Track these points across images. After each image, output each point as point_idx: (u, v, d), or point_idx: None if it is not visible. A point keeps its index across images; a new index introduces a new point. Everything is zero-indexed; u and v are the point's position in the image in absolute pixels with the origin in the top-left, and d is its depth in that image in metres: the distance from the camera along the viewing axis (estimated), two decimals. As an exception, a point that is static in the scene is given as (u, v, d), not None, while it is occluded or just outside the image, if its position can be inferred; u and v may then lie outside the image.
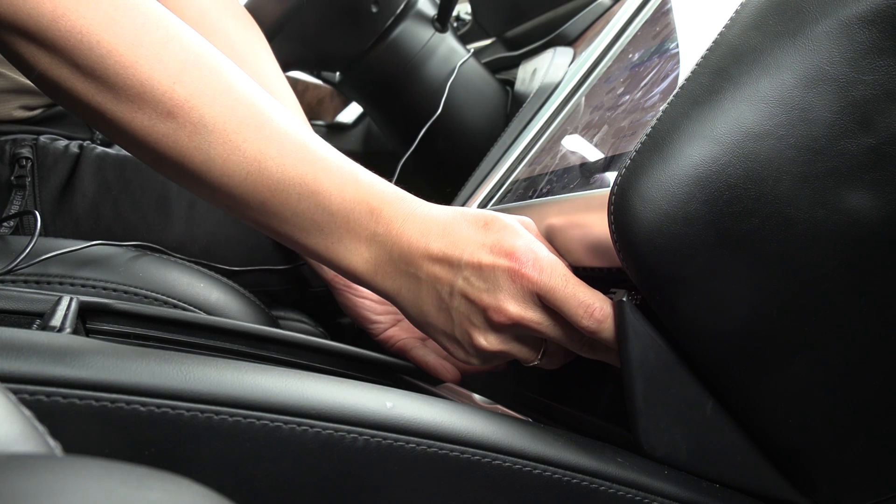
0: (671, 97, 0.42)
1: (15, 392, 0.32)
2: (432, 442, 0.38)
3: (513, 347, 0.49)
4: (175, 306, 0.65)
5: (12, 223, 0.68)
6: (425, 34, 1.03)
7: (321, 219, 0.48)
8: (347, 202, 0.47)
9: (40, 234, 0.59)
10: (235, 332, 0.53)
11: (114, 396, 0.33)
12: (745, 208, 0.39)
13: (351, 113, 1.46)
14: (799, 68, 0.39)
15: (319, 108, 1.50)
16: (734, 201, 0.39)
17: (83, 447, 0.32)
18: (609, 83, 0.67)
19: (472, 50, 1.09)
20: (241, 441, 0.35)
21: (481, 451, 0.39)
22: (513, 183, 0.70)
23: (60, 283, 0.61)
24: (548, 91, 0.80)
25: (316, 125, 1.40)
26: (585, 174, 0.54)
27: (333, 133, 1.42)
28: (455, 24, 1.38)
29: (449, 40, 1.05)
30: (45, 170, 0.71)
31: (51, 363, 0.33)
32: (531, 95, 0.83)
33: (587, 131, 0.62)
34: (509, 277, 0.46)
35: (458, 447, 0.38)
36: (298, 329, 0.80)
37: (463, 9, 1.41)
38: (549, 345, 0.49)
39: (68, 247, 0.62)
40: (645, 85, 0.57)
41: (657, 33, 0.65)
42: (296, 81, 1.47)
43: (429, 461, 0.38)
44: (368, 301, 0.75)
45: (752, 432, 0.44)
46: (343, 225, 0.48)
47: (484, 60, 1.12)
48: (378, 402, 0.38)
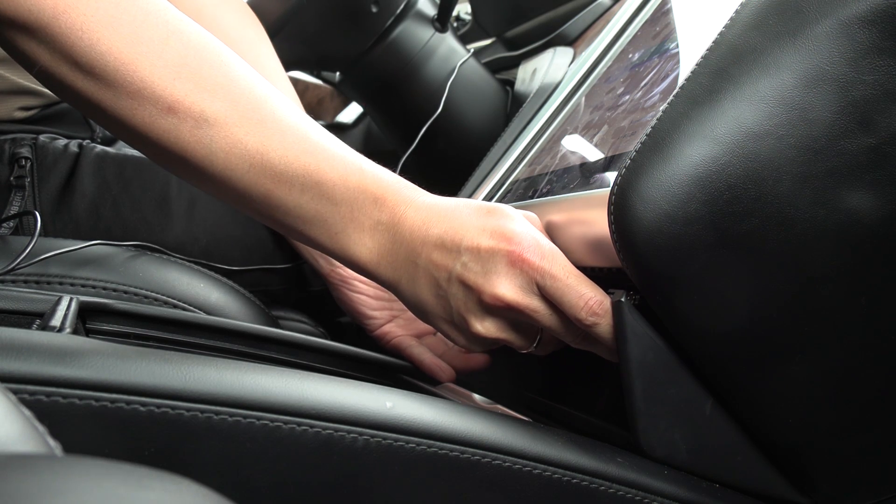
0: (671, 97, 0.42)
1: (15, 392, 0.32)
2: (432, 442, 0.38)
3: (509, 334, 0.49)
4: (175, 306, 0.65)
5: (12, 223, 0.68)
6: (425, 34, 1.03)
7: (325, 209, 0.48)
8: (351, 192, 0.48)
9: (40, 235, 0.59)
10: (235, 332, 0.53)
11: (114, 396, 0.33)
12: (745, 208, 0.39)
13: (351, 113, 1.46)
14: (799, 68, 0.39)
15: (319, 108, 1.50)
16: (734, 201, 0.39)
17: (83, 447, 0.32)
18: (609, 83, 0.67)
19: (472, 50, 1.09)
20: (241, 441, 0.35)
21: (481, 451, 0.39)
22: (513, 183, 0.70)
23: (60, 283, 0.61)
24: (548, 91, 0.80)
25: (316, 125, 1.39)
26: (585, 174, 0.54)
27: (333, 133, 1.41)
28: (455, 24, 1.38)
29: (449, 40, 1.05)
30: (45, 170, 0.71)
31: (51, 363, 0.33)
32: (531, 95, 0.83)
33: (587, 131, 0.62)
34: (508, 262, 0.46)
35: (458, 447, 0.38)
36: (298, 329, 0.80)
37: (463, 9, 1.41)
38: (544, 333, 0.49)
39: (68, 247, 0.62)
40: (645, 85, 0.57)
41: (657, 33, 0.64)
42: (296, 81, 1.46)
43: (429, 461, 0.38)
44: (364, 296, 0.75)
45: (752, 432, 0.44)
46: (347, 215, 0.48)
47: (484, 60, 1.12)
48: (378, 402, 0.38)
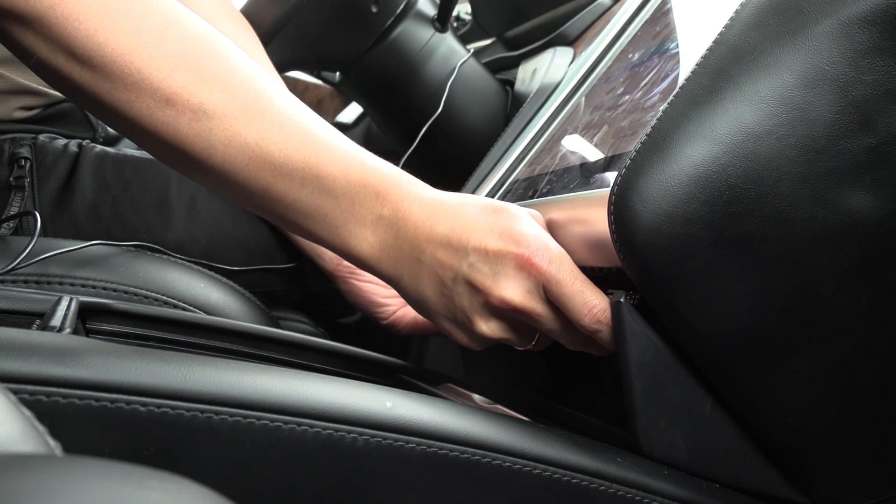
0: (671, 97, 0.42)
1: (15, 392, 0.32)
2: (432, 442, 0.38)
3: (510, 334, 0.48)
4: (175, 306, 0.65)
5: (12, 224, 0.68)
6: (425, 34, 1.03)
7: (325, 203, 0.47)
8: (352, 185, 0.47)
9: (40, 235, 0.59)
10: (235, 332, 0.53)
11: (114, 396, 0.33)
12: (745, 208, 0.39)
13: (351, 113, 1.46)
14: (799, 68, 0.39)
15: (319, 108, 1.50)
16: (734, 201, 0.39)
17: (83, 447, 0.32)
18: (609, 83, 0.67)
19: (472, 50, 1.09)
20: (241, 441, 0.35)
21: (481, 451, 0.39)
22: (513, 183, 0.70)
23: (60, 283, 0.61)
24: (548, 91, 0.80)
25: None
26: (585, 174, 0.54)
27: (333, 133, 1.41)
28: (455, 24, 1.38)
29: (449, 40, 1.05)
30: (44, 170, 0.71)
31: (51, 363, 0.33)
32: (531, 95, 0.83)
33: (587, 131, 0.62)
34: (517, 265, 0.45)
35: (458, 447, 0.38)
36: (298, 329, 0.80)
37: (463, 9, 1.41)
38: (542, 333, 0.49)
39: (68, 247, 0.62)
40: (645, 85, 0.57)
41: (657, 33, 0.64)
42: (296, 81, 1.47)
43: (429, 461, 0.38)
44: (375, 285, 0.74)
45: (752, 432, 0.44)
46: (348, 209, 0.47)
47: (484, 60, 1.12)
48: (378, 402, 0.38)
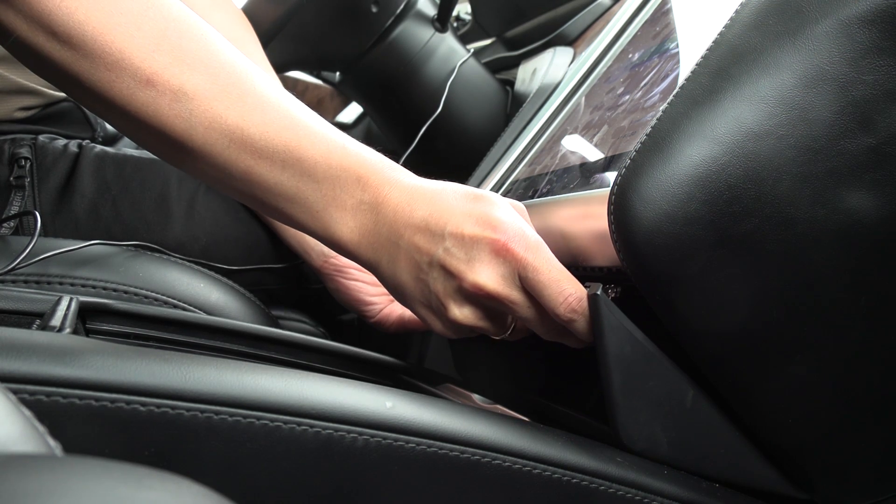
0: (671, 97, 0.42)
1: (15, 392, 0.32)
2: (432, 442, 0.38)
3: (485, 322, 0.48)
4: (175, 306, 0.65)
5: (12, 224, 0.68)
6: (425, 34, 1.03)
7: (306, 187, 0.47)
8: (333, 169, 0.47)
9: (40, 235, 0.59)
10: (235, 332, 0.53)
11: (114, 396, 0.33)
12: (745, 208, 0.39)
13: (351, 113, 1.46)
14: (799, 68, 0.39)
15: (319, 108, 1.50)
16: (734, 201, 0.39)
17: (83, 447, 0.32)
18: (609, 83, 0.67)
19: (472, 50, 1.09)
20: (241, 441, 0.35)
21: (481, 451, 0.39)
22: (513, 183, 0.70)
23: (60, 283, 0.61)
24: (548, 91, 0.80)
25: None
26: (585, 174, 0.54)
27: (333, 133, 1.41)
28: (455, 24, 1.38)
29: (449, 40, 1.05)
30: (44, 170, 0.71)
31: (51, 363, 0.33)
32: (531, 95, 0.83)
33: (587, 131, 0.62)
34: (492, 250, 0.45)
35: (458, 447, 0.38)
36: (298, 329, 0.80)
37: (463, 9, 1.41)
38: (517, 322, 0.49)
39: (67, 247, 0.62)
40: (645, 85, 0.57)
41: (657, 33, 0.64)
42: (296, 81, 1.47)
43: (429, 461, 0.38)
44: (361, 283, 0.74)
45: (752, 432, 0.44)
46: (328, 193, 0.47)
47: (484, 60, 1.12)
48: (378, 402, 0.38)
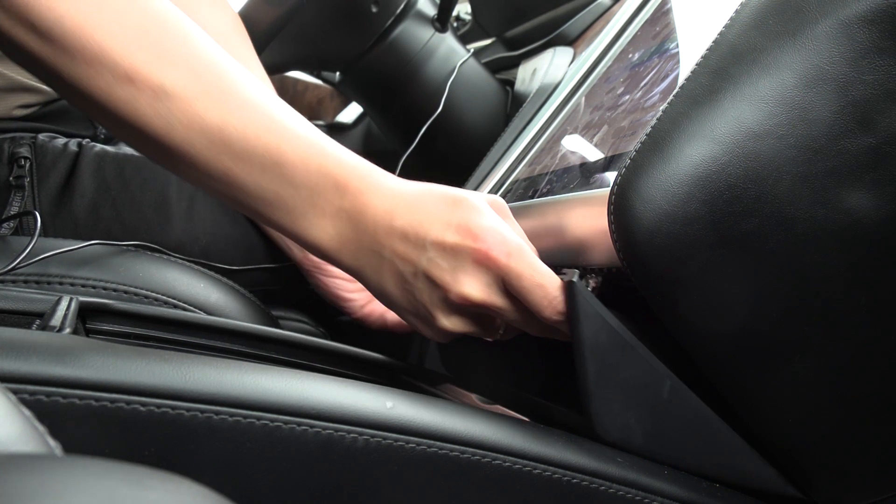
0: (671, 97, 0.42)
1: (15, 392, 0.31)
2: (432, 442, 0.38)
3: (474, 328, 0.48)
4: (175, 306, 0.65)
5: (12, 224, 0.68)
6: (425, 34, 1.03)
7: (285, 192, 0.46)
8: (312, 175, 0.46)
9: (40, 235, 0.59)
10: (235, 332, 0.53)
11: (114, 396, 0.33)
12: (745, 208, 0.39)
13: (351, 113, 1.46)
14: (799, 68, 0.39)
15: (319, 108, 1.50)
16: (734, 201, 0.39)
17: (83, 447, 0.32)
18: (609, 83, 0.67)
19: (472, 50, 1.09)
20: (241, 441, 0.35)
21: (481, 451, 0.39)
22: (513, 183, 0.70)
23: (60, 283, 0.61)
24: (548, 91, 0.80)
25: (316, 125, 1.40)
26: (585, 174, 0.54)
27: (333, 133, 1.42)
28: (455, 24, 1.39)
29: (449, 40, 1.05)
30: (44, 170, 0.71)
31: (51, 363, 0.33)
32: (531, 95, 0.83)
33: (587, 131, 0.62)
34: (474, 260, 0.45)
35: (458, 447, 0.38)
36: (298, 329, 0.80)
37: (463, 9, 1.41)
38: (507, 324, 0.49)
39: (67, 247, 0.62)
40: (645, 85, 0.57)
41: (657, 33, 0.64)
42: (296, 81, 1.47)
43: (429, 461, 0.38)
44: (340, 280, 0.74)
45: (752, 432, 0.44)
46: (308, 199, 0.46)
47: (484, 60, 1.12)
48: (378, 402, 0.38)
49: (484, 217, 0.46)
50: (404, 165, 0.99)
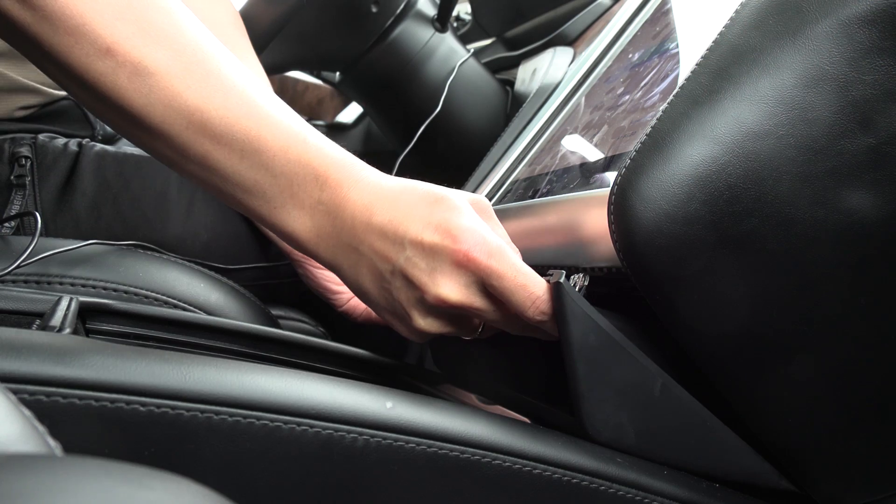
0: (671, 97, 0.42)
1: (15, 392, 0.32)
2: (432, 442, 0.38)
3: (451, 328, 0.47)
4: (175, 306, 0.65)
5: (13, 224, 0.68)
6: (425, 34, 1.03)
7: (264, 181, 0.45)
8: (292, 165, 0.45)
9: (41, 235, 0.59)
10: (235, 332, 0.53)
11: (114, 396, 0.33)
12: (745, 208, 0.39)
13: (351, 113, 1.46)
14: (799, 68, 0.39)
15: (319, 108, 1.50)
16: (734, 201, 0.39)
17: (83, 447, 0.32)
18: (609, 83, 0.67)
19: (472, 50, 1.09)
20: (241, 441, 0.35)
21: (481, 451, 0.39)
22: (513, 183, 0.70)
23: (60, 283, 0.61)
24: (548, 91, 0.80)
25: (316, 125, 1.40)
26: (585, 174, 0.54)
27: (333, 133, 1.42)
28: (455, 24, 1.38)
29: (449, 40, 1.05)
30: (45, 169, 0.71)
31: (51, 363, 0.33)
32: (531, 95, 0.84)
33: (587, 131, 0.62)
34: (453, 261, 0.44)
35: (458, 447, 0.38)
36: (298, 329, 0.80)
37: (463, 9, 1.41)
38: (486, 323, 0.48)
39: (67, 246, 0.62)
40: (645, 85, 0.57)
41: (657, 33, 0.65)
42: (296, 81, 1.47)
43: (429, 461, 0.38)
44: (327, 272, 0.73)
45: (752, 432, 0.44)
46: (286, 189, 0.45)
47: (484, 60, 1.12)
48: (378, 402, 0.38)
49: (464, 217, 0.45)
50: (405, 165, 0.99)
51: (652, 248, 0.40)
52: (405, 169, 0.98)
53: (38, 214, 0.61)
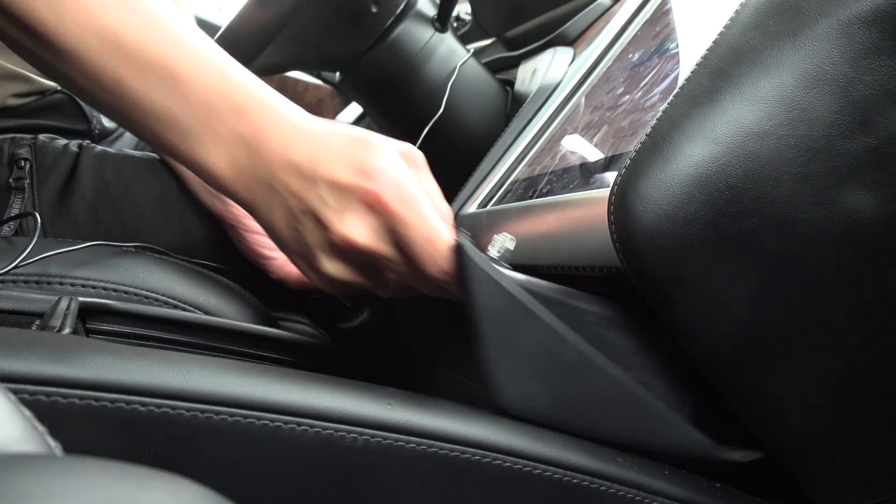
0: (671, 97, 0.42)
1: (15, 392, 0.32)
2: (432, 442, 0.38)
3: (362, 279, 0.46)
4: (175, 307, 0.65)
5: (12, 225, 0.68)
6: (425, 34, 1.03)
7: (180, 111, 0.43)
8: (210, 95, 0.43)
9: (40, 236, 0.59)
10: (235, 332, 0.53)
11: (114, 396, 0.33)
12: (745, 208, 0.39)
13: (351, 113, 1.46)
14: (799, 68, 0.39)
15: (319, 108, 1.50)
16: (734, 201, 0.39)
17: (83, 447, 0.32)
18: (609, 83, 0.67)
19: (472, 50, 1.09)
20: (241, 441, 0.35)
21: (481, 451, 0.39)
22: (513, 183, 0.70)
23: (60, 284, 0.61)
24: (548, 91, 0.80)
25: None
26: (585, 174, 0.54)
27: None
28: (455, 24, 1.38)
29: (449, 40, 1.05)
30: (44, 171, 0.71)
31: (51, 363, 0.33)
32: (531, 95, 0.84)
33: (587, 131, 0.62)
34: (364, 202, 0.42)
35: (458, 447, 0.38)
36: (298, 331, 0.80)
37: (463, 9, 1.41)
38: (400, 280, 0.47)
39: (67, 247, 0.62)
40: (645, 85, 0.57)
41: (657, 33, 0.65)
42: (296, 81, 1.47)
43: (429, 461, 0.38)
44: (260, 236, 0.71)
45: (752, 432, 0.44)
46: (204, 121, 0.44)
47: (484, 60, 1.12)
48: (378, 402, 0.38)
49: (383, 159, 0.43)
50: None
51: (652, 249, 0.40)
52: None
53: (38, 215, 0.61)
